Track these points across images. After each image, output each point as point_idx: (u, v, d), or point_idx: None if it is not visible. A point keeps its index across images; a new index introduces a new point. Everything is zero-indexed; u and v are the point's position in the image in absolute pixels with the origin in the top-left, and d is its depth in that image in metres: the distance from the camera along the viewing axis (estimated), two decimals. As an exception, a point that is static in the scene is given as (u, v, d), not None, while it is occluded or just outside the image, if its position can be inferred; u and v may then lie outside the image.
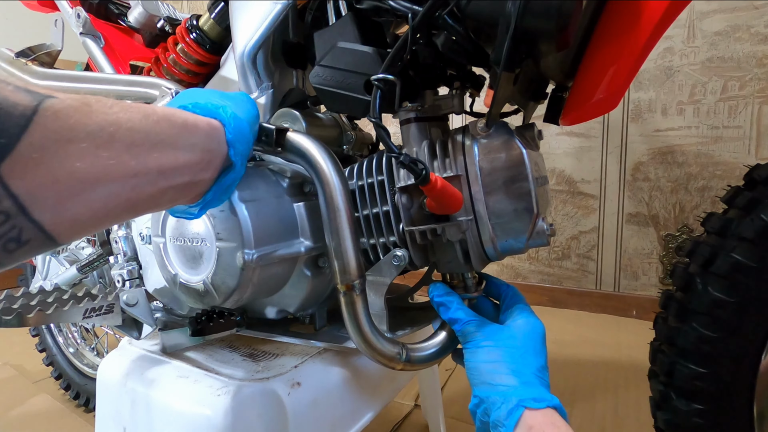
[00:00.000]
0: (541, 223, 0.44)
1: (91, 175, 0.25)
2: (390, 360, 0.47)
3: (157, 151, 0.29)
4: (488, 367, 0.41)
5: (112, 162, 0.26)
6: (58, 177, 0.24)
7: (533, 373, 0.40)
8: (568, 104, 0.46)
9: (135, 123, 0.28)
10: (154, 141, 0.29)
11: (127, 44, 0.75)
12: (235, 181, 0.37)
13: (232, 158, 0.36)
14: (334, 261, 0.44)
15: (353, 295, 0.44)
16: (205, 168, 0.34)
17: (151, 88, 0.58)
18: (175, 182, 0.31)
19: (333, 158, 0.44)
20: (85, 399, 1.04)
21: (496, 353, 0.42)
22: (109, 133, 0.26)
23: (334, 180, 0.44)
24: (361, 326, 0.45)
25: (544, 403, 0.37)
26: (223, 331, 0.57)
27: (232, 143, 0.35)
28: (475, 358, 0.43)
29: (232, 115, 0.36)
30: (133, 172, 0.28)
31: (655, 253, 1.39)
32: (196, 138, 0.33)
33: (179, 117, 0.32)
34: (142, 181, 0.29)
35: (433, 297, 0.49)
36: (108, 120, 0.26)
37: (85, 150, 0.25)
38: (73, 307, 0.51)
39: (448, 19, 0.39)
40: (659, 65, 1.32)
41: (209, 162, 0.34)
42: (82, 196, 0.25)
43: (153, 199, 0.30)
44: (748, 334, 0.48)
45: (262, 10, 0.51)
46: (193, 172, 0.33)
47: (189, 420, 0.48)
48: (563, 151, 1.48)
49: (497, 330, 0.44)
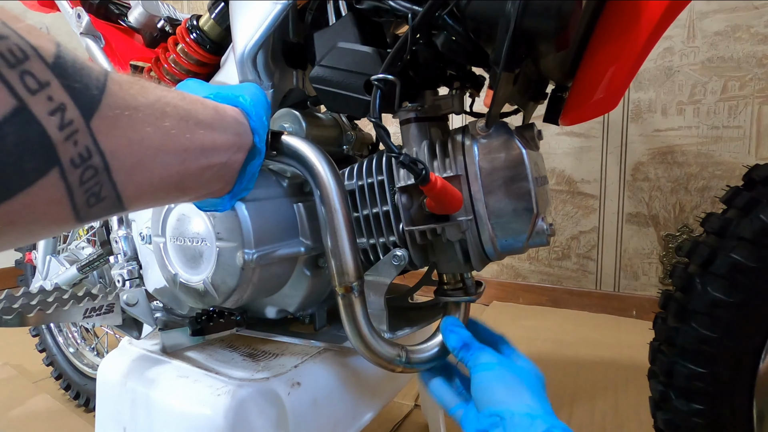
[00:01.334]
0: (540, 223, 0.44)
1: (155, 143, 0.26)
2: (389, 363, 0.46)
3: (201, 128, 0.30)
4: (507, 390, 0.40)
5: (173, 132, 0.27)
6: (132, 140, 0.25)
7: (550, 408, 0.40)
8: (567, 104, 0.46)
9: (178, 102, 0.29)
10: (197, 119, 0.30)
11: (127, 44, 0.75)
12: (259, 167, 0.38)
13: (258, 145, 0.37)
14: (332, 263, 0.44)
15: (351, 297, 0.44)
16: (238, 150, 0.35)
17: None
18: (215, 161, 0.32)
19: (329, 160, 0.44)
20: (85, 399, 1.04)
21: (514, 378, 0.41)
22: (161, 105, 0.27)
23: (330, 182, 0.44)
24: (359, 329, 0.45)
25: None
26: (223, 330, 0.57)
27: (256, 130, 0.36)
28: (491, 380, 0.41)
29: (252, 103, 0.37)
30: (184, 146, 0.29)
31: (655, 253, 1.39)
32: (227, 122, 0.34)
33: (209, 102, 0.33)
34: (190, 156, 0.30)
35: (445, 327, 0.47)
36: (158, 95, 0.27)
37: (148, 118, 0.26)
38: (73, 306, 0.51)
39: (448, 19, 0.39)
40: (659, 65, 1.32)
41: (241, 145, 0.35)
42: (147, 162, 0.26)
43: (196, 177, 0.31)
44: (747, 334, 0.48)
45: (262, 11, 0.51)
46: (229, 152, 0.34)
47: (189, 420, 0.48)
48: (563, 151, 1.48)
49: (509, 360, 0.43)
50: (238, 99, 0.36)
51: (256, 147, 0.36)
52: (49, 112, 0.20)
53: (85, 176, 0.22)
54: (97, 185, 0.23)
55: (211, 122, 0.32)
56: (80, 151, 0.21)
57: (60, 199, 0.21)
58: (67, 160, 0.21)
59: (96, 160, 0.22)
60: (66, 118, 0.21)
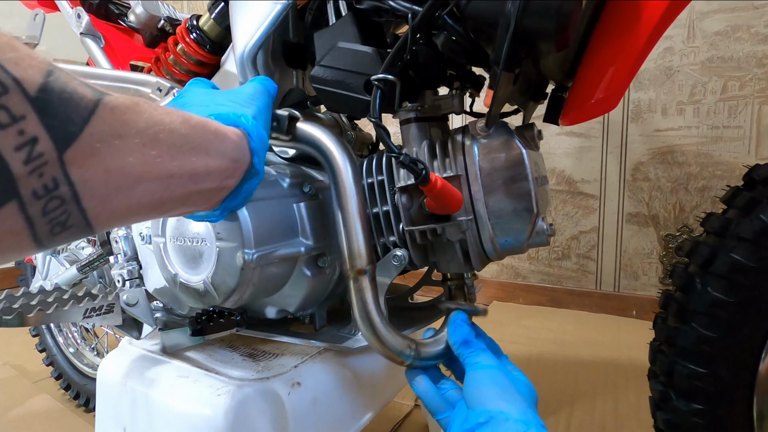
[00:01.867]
0: (540, 222, 0.44)
1: (136, 171, 0.26)
2: (398, 355, 0.45)
3: (194, 155, 0.30)
4: (499, 391, 0.40)
5: (155, 162, 0.27)
6: (110, 168, 0.25)
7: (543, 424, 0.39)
8: (567, 104, 0.46)
9: (176, 126, 0.29)
10: (191, 145, 0.30)
11: (127, 44, 0.75)
12: (257, 185, 0.38)
13: (257, 166, 0.37)
14: (345, 247, 0.44)
15: (363, 281, 0.43)
16: (231, 175, 0.35)
17: (143, 85, 0.58)
18: (204, 187, 0.32)
19: (343, 144, 0.45)
20: (85, 399, 1.04)
21: (507, 381, 0.41)
22: (154, 132, 0.27)
23: (345, 165, 0.44)
24: (370, 316, 0.44)
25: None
26: (223, 330, 0.57)
27: (256, 151, 0.36)
28: (486, 379, 0.41)
29: (254, 124, 0.37)
30: (170, 172, 0.29)
31: (655, 253, 1.39)
32: (226, 146, 0.34)
33: (212, 125, 0.33)
34: (176, 182, 0.29)
35: (454, 319, 0.47)
36: (154, 119, 0.27)
37: (135, 146, 0.26)
38: (73, 307, 0.51)
39: (448, 19, 0.39)
40: (659, 65, 1.32)
41: (235, 170, 0.35)
42: (126, 190, 0.26)
43: (180, 200, 0.31)
44: (747, 334, 0.48)
45: (262, 10, 0.51)
46: (220, 178, 0.34)
47: (189, 420, 0.48)
48: (563, 151, 1.48)
49: (504, 365, 0.44)
50: (240, 119, 0.36)
51: (255, 168, 0.36)
52: (16, 147, 0.20)
53: (49, 207, 0.22)
54: (63, 214, 0.23)
55: (207, 148, 0.32)
56: (45, 182, 0.22)
57: (19, 230, 0.22)
58: (29, 193, 0.21)
59: (63, 190, 0.22)
60: (35, 152, 0.21)
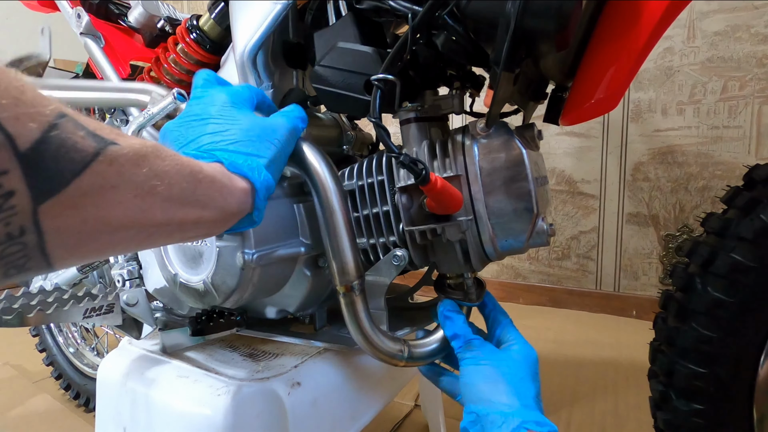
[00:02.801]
0: (540, 223, 0.44)
1: (118, 221, 0.25)
2: (392, 358, 0.47)
3: (188, 208, 0.30)
4: (488, 386, 0.41)
5: (143, 213, 0.27)
6: (87, 219, 0.24)
7: (532, 398, 0.40)
8: (567, 104, 0.46)
9: (178, 179, 0.28)
10: (189, 199, 0.30)
11: (127, 44, 0.75)
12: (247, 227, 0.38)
13: (255, 218, 0.36)
14: (333, 263, 0.44)
15: (353, 295, 0.44)
16: (222, 225, 0.34)
17: (141, 94, 0.57)
18: (191, 234, 0.32)
19: (327, 160, 0.45)
20: (85, 399, 1.04)
21: (496, 374, 0.42)
22: (151, 185, 0.26)
23: (328, 182, 0.44)
24: (362, 326, 0.45)
25: (546, 428, 0.37)
26: (223, 331, 0.57)
27: (259, 207, 0.36)
28: (475, 375, 0.42)
29: (265, 178, 0.36)
30: (157, 223, 0.28)
31: (655, 253, 1.39)
32: (228, 202, 0.33)
33: (220, 180, 0.32)
34: (161, 231, 0.29)
35: (441, 311, 0.48)
36: (155, 172, 0.27)
37: (124, 198, 0.25)
38: (73, 307, 0.51)
39: (448, 19, 0.39)
40: (659, 65, 1.32)
41: (229, 221, 0.35)
42: (101, 237, 0.25)
43: (159, 243, 0.31)
44: (748, 334, 0.48)
45: (262, 11, 0.51)
46: (211, 228, 0.33)
47: (189, 420, 0.48)
48: (563, 151, 1.48)
49: (497, 352, 0.44)
50: (253, 173, 0.35)
51: (251, 219, 0.36)
52: None
53: (7, 251, 0.22)
54: (22, 258, 0.22)
55: (206, 203, 0.31)
56: (10, 230, 0.21)
57: None
58: None
59: (29, 238, 0.22)
60: (7, 204, 0.21)
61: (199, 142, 0.36)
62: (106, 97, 0.58)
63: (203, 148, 0.36)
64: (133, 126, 0.50)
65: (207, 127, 0.37)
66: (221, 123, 0.37)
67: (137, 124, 0.50)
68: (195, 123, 0.37)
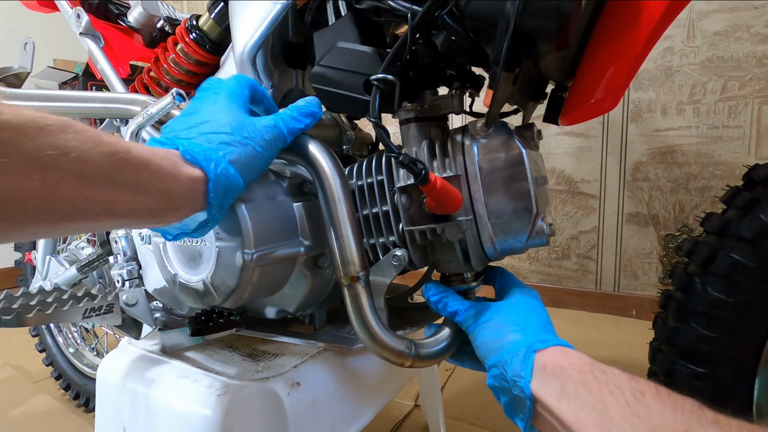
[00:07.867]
0: (540, 222, 0.44)
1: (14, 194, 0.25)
2: (398, 356, 0.45)
3: (113, 189, 0.29)
4: (496, 337, 0.41)
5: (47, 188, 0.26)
6: None
7: (537, 326, 0.41)
8: (567, 104, 0.46)
9: (90, 156, 0.27)
10: (113, 179, 0.29)
11: (126, 44, 0.75)
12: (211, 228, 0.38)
13: (208, 215, 0.35)
14: (337, 254, 0.44)
15: (358, 287, 0.44)
16: (168, 215, 0.33)
17: (130, 104, 0.56)
18: (126, 221, 0.31)
19: (329, 151, 0.45)
20: (85, 399, 1.04)
21: (500, 322, 0.42)
22: (48, 156, 0.26)
23: (331, 172, 0.44)
24: (366, 320, 0.44)
25: (551, 342, 0.38)
26: (223, 331, 0.57)
27: (212, 202, 0.35)
28: (481, 334, 0.42)
29: (224, 172, 0.35)
30: (70, 201, 0.27)
31: (655, 253, 1.39)
32: (169, 187, 0.32)
33: (158, 164, 0.32)
34: (80, 211, 0.28)
35: (428, 297, 0.48)
36: (53, 144, 0.26)
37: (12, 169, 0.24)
38: (72, 307, 0.51)
39: (448, 19, 0.39)
40: (659, 65, 1.32)
41: (176, 211, 0.33)
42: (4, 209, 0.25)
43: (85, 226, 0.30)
44: (747, 334, 0.48)
45: (262, 10, 0.51)
46: (154, 216, 0.32)
47: (189, 420, 0.48)
48: (563, 151, 1.48)
49: (496, 305, 0.44)
50: (209, 164, 0.34)
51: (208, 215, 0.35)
52: None
53: None
54: None
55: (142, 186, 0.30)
56: None
57: None
58: None
59: None
60: None
61: (173, 132, 0.37)
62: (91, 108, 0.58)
63: (170, 136, 0.36)
64: (133, 126, 0.51)
65: (187, 120, 0.37)
66: (198, 116, 0.38)
67: (136, 124, 0.50)
68: (182, 117, 0.38)
